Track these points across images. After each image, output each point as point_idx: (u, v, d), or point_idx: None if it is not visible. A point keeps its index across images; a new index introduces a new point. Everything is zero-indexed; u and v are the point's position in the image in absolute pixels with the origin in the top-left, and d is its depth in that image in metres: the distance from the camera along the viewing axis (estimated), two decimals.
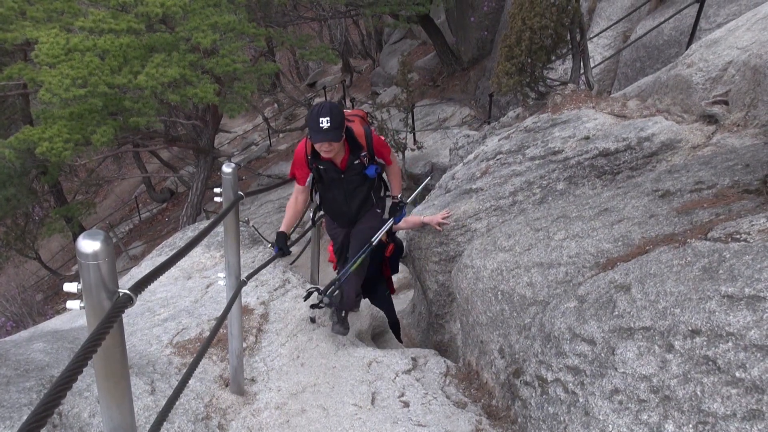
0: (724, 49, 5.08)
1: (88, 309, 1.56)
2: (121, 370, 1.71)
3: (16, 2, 13.09)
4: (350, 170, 4.32)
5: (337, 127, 3.86)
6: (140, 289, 1.62)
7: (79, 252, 1.50)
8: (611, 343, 2.53)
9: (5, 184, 15.86)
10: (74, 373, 1.18)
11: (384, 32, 28.00)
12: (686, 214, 3.03)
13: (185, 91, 11.63)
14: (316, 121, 3.79)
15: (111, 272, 1.55)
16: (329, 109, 3.81)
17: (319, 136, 3.85)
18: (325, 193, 4.58)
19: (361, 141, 4.28)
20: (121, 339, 1.69)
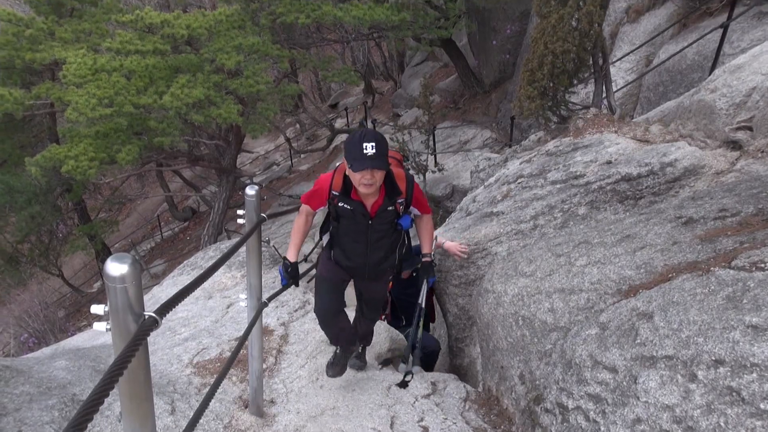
0: (748, 75, 5.05)
1: (114, 331, 1.58)
2: (145, 391, 1.73)
3: (46, 23, 13.40)
4: (380, 217, 3.74)
5: (384, 155, 3.37)
6: (165, 312, 1.65)
7: (106, 275, 1.53)
8: (633, 371, 2.51)
9: (31, 201, 16.09)
10: (101, 396, 1.20)
11: (406, 54, 28.17)
12: (710, 241, 3.01)
13: (209, 111, 11.78)
14: (359, 147, 3.29)
15: (137, 295, 1.57)
16: (374, 135, 3.35)
17: (364, 163, 3.30)
18: (341, 237, 3.93)
19: (400, 185, 3.71)
20: (145, 361, 1.71)
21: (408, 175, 3.83)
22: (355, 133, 3.41)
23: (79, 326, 16.08)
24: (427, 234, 4.13)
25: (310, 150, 25.06)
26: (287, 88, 14.69)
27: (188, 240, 21.77)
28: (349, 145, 3.38)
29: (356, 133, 3.40)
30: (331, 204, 3.73)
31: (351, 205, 3.64)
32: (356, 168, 3.34)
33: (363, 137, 3.31)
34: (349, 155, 3.37)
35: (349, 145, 3.39)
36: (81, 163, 11.43)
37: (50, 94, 12.71)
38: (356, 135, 3.37)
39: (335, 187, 3.66)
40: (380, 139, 3.36)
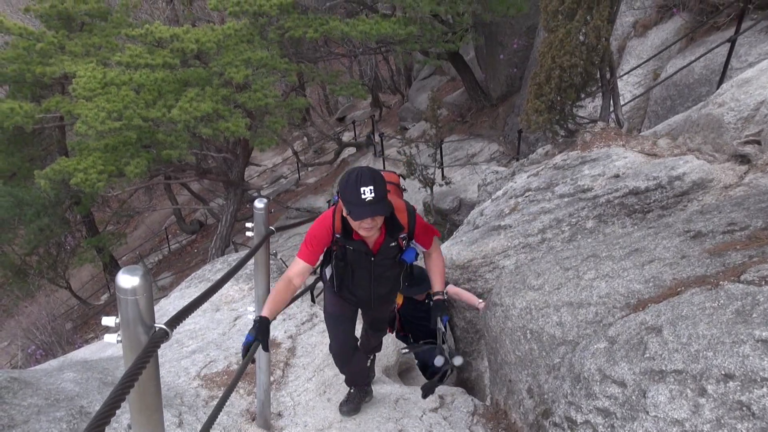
0: (756, 89, 5.05)
1: (125, 343, 1.59)
2: (155, 403, 1.74)
3: (56, 37, 13.55)
4: (383, 254, 3.59)
5: (383, 197, 3.14)
6: (175, 324, 1.66)
7: (118, 287, 1.54)
8: (642, 385, 2.50)
9: (40, 213, 16.18)
10: (113, 407, 1.20)
11: (413, 68, 28.27)
12: (718, 255, 3.00)
13: (217, 124, 11.85)
14: (355, 192, 3.05)
15: (148, 307, 1.58)
16: (371, 177, 3.08)
17: (364, 211, 3.09)
18: (344, 273, 3.73)
19: (401, 219, 3.50)
20: (156, 373, 1.72)
21: (408, 207, 3.60)
22: (349, 175, 3.13)
23: (86, 338, 16.11)
24: (437, 271, 3.82)
25: (318, 163, 25.14)
26: (295, 102, 14.77)
27: (195, 253, 21.81)
28: (345, 189, 3.11)
29: (350, 175, 3.13)
30: (335, 246, 3.56)
31: (353, 245, 3.47)
32: (356, 216, 3.13)
33: (359, 181, 3.05)
34: (346, 200, 3.13)
35: (344, 189, 3.12)
36: (90, 175, 11.51)
37: (60, 107, 12.83)
38: (351, 178, 3.10)
39: (337, 229, 3.45)
40: (377, 179, 3.11)
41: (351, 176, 3.11)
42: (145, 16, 19.85)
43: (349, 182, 3.09)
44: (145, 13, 20.63)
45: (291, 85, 17.71)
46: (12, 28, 13.15)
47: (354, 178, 3.07)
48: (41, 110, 12.82)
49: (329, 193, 20.63)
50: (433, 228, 3.76)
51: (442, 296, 3.72)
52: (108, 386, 4.56)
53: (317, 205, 19.86)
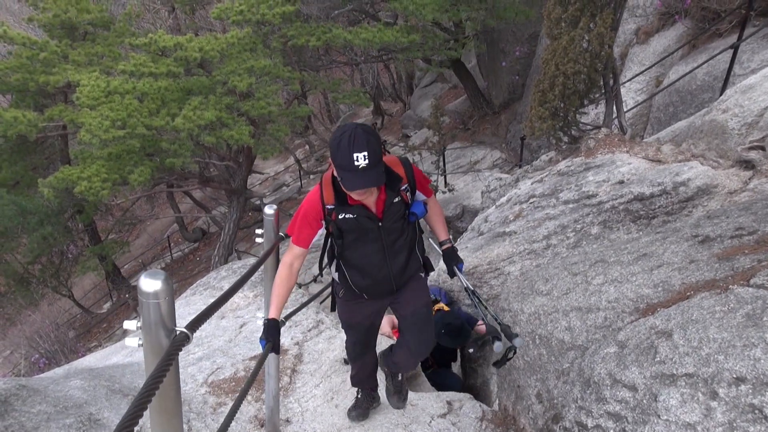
0: (760, 95, 5.08)
1: (146, 346, 1.61)
2: (175, 407, 1.76)
3: (59, 46, 13.60)
4: (390, 215, 3.14)
5: (378, 162, 2.79)
6: (196, 327, 1.67)
7: (140, 290, 1.56)
8: (653, 389, 2.51)
9: (43, 222, 16.20)
10: (140, 409, 1.22)
11: (415, 76, 28.35)
12: (727, 260, 3.01)
13: (221, 133, 11.88)
14: (348, 157, 2.72)
15: (170, 311, 1.60)
16: (365, 140, 2.73)
17: (358, 181, 2.78)
18: (351, 254, 3.27)
19: (397, 170, 3.14)
20: (176, 377, 1.73)
21: (402, 158, 3.26)
22: (341, 137, 2.77)
23: (90, 347, 16.12)
24: (439, 218, 3.52)
25: (320, 171, 25.15)
26: (298, 110, 14.82)
27: (198, 261, 21.83)
28: (336, 151, 2.77)
29: (342, 136, 2.77)
30: (329, 221, 3.13)
31: (352, 212, 3.06)
32: (349, 187, 2.84)
33: (351, 144, 2.71)
34: (337, 165, 2.81)
35: (336, 151, 2.78)
36: (94, 184, 11.53)
37: (63, 116, 12.86)
38: (343, 140, 2.74)
39: (327, 201, 3.08)
40: (372, 141, 2.75)
41: (343, 138, 2.75)
42: (148, 26, 19.95)
43: (341, 145, 2.74)
44: (148, 23, 20.75)
45: (294, 94, 17.76)
46: (15, 38, 13.19)
47: (346, 142, 2.73)
48: (44, 119, 12.85)
49: None
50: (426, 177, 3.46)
51: (450, 243, 3.51)
52: (115, 393, 4.58)
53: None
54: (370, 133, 2.80)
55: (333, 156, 2.81)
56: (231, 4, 12.58)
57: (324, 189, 3.10)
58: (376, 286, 3.39)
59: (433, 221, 3.51)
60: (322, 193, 3.10)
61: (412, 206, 3.26)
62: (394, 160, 3.21)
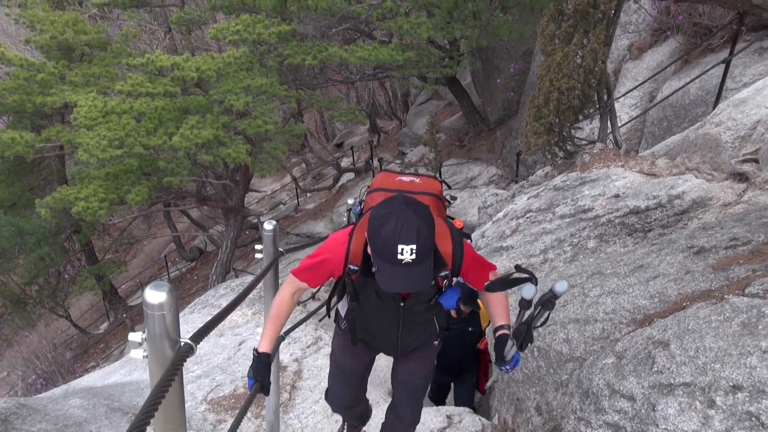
0: (752, 108, 5.14)
1: (151, 357, 1.63)
2: (179, 417, 1.77)
3: (57, 68, 13.67)
4: (415, 297, 2.70)
5: (428, 257, 2.23)
6: (200, 338, 1.70)
7: (145, 302, 1.58)
8: (651, 399, 2.54)
9: (40, 243, 16.18)
10: (147, 417, 1.24)
11: (411, 94, 28.50)
12: (722, 270, 3.05)
13: (218, 151, 11.94)
14: (390, 248, 2.17)
15: (174, 322, 1.63)
16: (415, 228, 2.15)
17: (398, 280, 2.24)
18: (363, 313, 2.86)
19: (443, 249, 2.51)
20: (180, 388, 1.75)
21: (453, 233, 2.59)
22: (386, 215, 2.21)
23: (87, 368, 16.05)
24: (500, 303, 2.76)
25: (317, 189, 25.21)
26: (294, 128, 14.91)
27: (196, 280, 21.78)
28: (376, 237, 2.22)
29: (387, 213, 2.22)
30: (348, 280, 2.68)
31: (375, 286, 2.59)
32: (385, 284, 2.28)
33: (397, 234, 2.15)
34: (375, 251, 2.26)
35: (375, 236, 2.23)
36: (91, 204, 11.55)
37: (60, 136, 12.92)
38: (388, 224, 2.18)
39: (353, 260, 2.58)
40: (424, 230, 2.18)
41: (388, 223, 2.19)
42: (144, 47, 20.06)
43: (383, 232, 2.18)
44: (144, 44, 20.86)
45: (290, 112, 17.85)
46: (13, 59, 13.28)
47: (391, 229, 2.17)
48: (42, 140, 12.89)
49: (329, 218, 20.68)
50: (487, 261, 2.77)
51: (506, 330, 2.67)
52: (115, 411, 4.58)
53: (317, 231, 19.89)
54: (423, 217, 2.22)
55: (371, 239, 2.27)
56: (227, 24, 12.68)
57: (353, 244, 2.58)
58: (380, 345, 3.11)
59: (492, 306, 2.78)
60: (349, 249, 2.59)
61: (444, 295, 2.69)
62: (443, 231, 2.53)
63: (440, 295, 2.69)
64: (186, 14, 16.97)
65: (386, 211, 2.22)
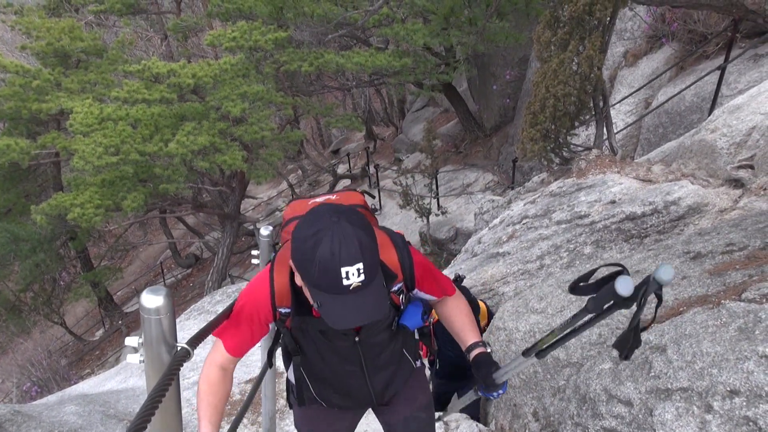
0: (747, 115, 5.16)
1: (147, 362, 1.63)
2: (176, 423, 1.77)
3: (52, 74, 13.67)
4: (371, 325, 2.16)
5: (377, 272, 1.79)
6: (196, 343, 1.69)
7: (141, 306, 1.58)
8: (649, 404, 2.53)
9: (35, 249, 16.16)
10: (144, 421, 1.24)
11: (407, 100, 28.53)
12: (719, 275, 3.05)
13: (214, 158, 11.94)
14: (331, 275, 1.69)
15: (171, 327, 1.62)
16: (355, 240, 1.70)
17: (349, 313, 1.76)
18: (314, 367, 2.33)
19: (389, 262, 2.07)
20: (177, 393, 1.75)
21: (394, 237, 2.17)
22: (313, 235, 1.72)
23: (82, 375, 16.00)
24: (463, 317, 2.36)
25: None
26: (291, 135, 14.91)
27: (192, 287, 21.75)
28: (308, 263, 1.72)
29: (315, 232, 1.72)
30: (281, 327, 2.18)
31: (317, 325, 2.11)
32: (334, 321, 1.78)
33: (336, 254, 1.68)
34: (312, 284, 1.77)
35: (306, 265, 1.73)
36: (87, 210, 11.54)
37: (56, 143, 12.91)
38: (320, 245, 1.69)
39: (280, 302, 2.07)
40: (364, 239, 1.74)
41: (320, 243, 1.70)
42: (141, 53, 20.06)
43: (318, 254, 1.69)
44: (141, 50, 20.86)
45: (286, 118, 17.88)
46: (8, 66, 13.26)
47: (327, 250, 1.68)
48: (37, 146, 12.89)
49: None
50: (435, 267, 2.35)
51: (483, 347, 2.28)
52: (111, 418, 4.56)
53: None
54: (360, 225, 1.77)
55: (302, 268, 1.78)
56: (224, 30, 12.69)
57: (276, 282, 2.07)
58: (350, 400, 2.49)
59: (453, 322, 2.37)
60: (272, 289, 2.06)
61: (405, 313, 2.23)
62: (383, 240, 2.09)
63: (401, 316, 2.22)
64: (182, 21, 17.01)
65: (315, 228, 1.73)
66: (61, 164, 17.09)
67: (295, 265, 1.82)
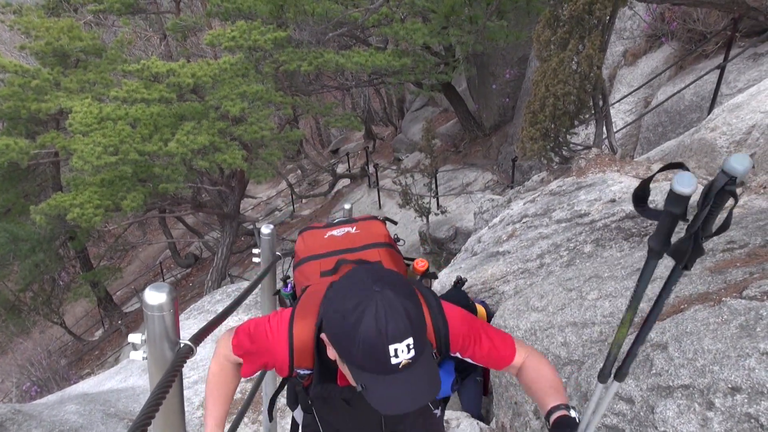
0: (747, 113, 5.16)
1: (150, 359, 1.63)
2: (179, 420, 1.77)
3: (51, 74, 13.66)
4: None
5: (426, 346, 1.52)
6: (199, 340, 1.69)
7: (145, 303, 1.58)
8: (650, 401, 2.53)
9: (35, 249, 16.15)
10: (148, 417, 1.24)
11: (406, 100, 28.55)
12: (719, 273, 3.05)
13: (214, 157, 11.94)
14: (379, 354, 1.43)
15: (174, 323, 1.62)
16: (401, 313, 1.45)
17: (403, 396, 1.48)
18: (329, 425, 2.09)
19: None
20: (180, 390, 1.75)
21: (426, 295, 1.83)
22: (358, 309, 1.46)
23: (81, 375, 15.99)
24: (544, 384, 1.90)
25: (312, 195, 25.22)
26: (290, 134, 14.92)
27: (191, 286, 21.75)
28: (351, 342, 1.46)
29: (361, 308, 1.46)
30: (298, 386, 1.98)
31: (341, 394, 1.88)
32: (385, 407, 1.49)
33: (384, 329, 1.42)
34: (356, 361, 1.49)
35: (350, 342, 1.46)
36: (86, 210, 11.53)
37: (55, 143, 12.90)
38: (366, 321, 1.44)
39: (301, 362, 1.79)
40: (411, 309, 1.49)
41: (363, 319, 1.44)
42: (139, 53, 20.06)
43: (363, 333, 1.44)
44: (139, 50, 20.85)
45: (286, 118, 17.88)
46: (8, 66, 13.25)
47: (373, 327, 1.43)
48: (36, 146, 12.88)
49: None
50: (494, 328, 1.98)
51: (565, 411, 1.75)
52: (111, 417, 4.56)
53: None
54: (404, 292, 1.52)
55: (343, 348, 1.51)
56: (223, 30, 12.68)
57: (296, 339, 1.76)
58: None
59: (537, 380, 1.91)
60: (291, 348, 1.76)
61: None
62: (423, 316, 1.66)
63: None
64: (181, 21, 16.98)
65: (354, 301, 1.48)
66: (60, 164, 17.09)
67: (332, 341, 1.55)
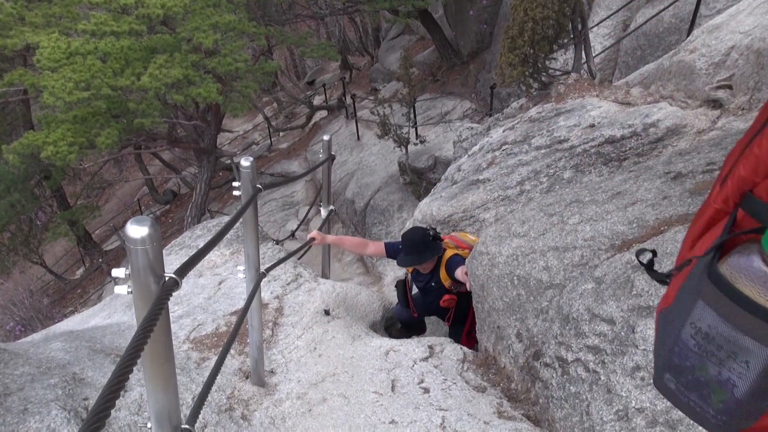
0: (726, 34, 5.12)
1: (135, 293, 1.62)
2: (167, 352, 1.77)
3: (15, 8, 13.16)
4: None
5: None
6: (184, 273, 1.68)
7: (127, 237, 1.56)
8: (631, 321, 2.58)
9: (9, 189, 15.94)
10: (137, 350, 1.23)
11: (382, 28, 28.05)
12: (699, 194, 3.08)
13: (189, 91, 11.68)
14: None
15: (158, 257, 1.61)
16: None
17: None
18: None
19: None
20: (167, 322, 1.75)
21: None
22: None
23: (65, 313, 16.04)
24: None
25: (290, 128, 24.97)
26: (265, 66, 14.60)
27: (170, 223, 21.68)
28: None
29: None
30: None
31: None
32: None
33: None
34: None
35: None
36: (60, 148, 11.31)
37: (23, 80, 12.52)
38: None
39: None
40: None
41: None
42: None
43: None
44: None
45: (260, 49, 17.50)
46: None
47: None
48: (4, 84, 12.53)
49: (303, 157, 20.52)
50: None
51: None
52: (98, 353, 4.58)
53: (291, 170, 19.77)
54: None
55: None
56: None
57: None
58: None
59: None
60: None
61: None
62: None
63: None
64: None
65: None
66: (30, 102, 16.69)
67: None
